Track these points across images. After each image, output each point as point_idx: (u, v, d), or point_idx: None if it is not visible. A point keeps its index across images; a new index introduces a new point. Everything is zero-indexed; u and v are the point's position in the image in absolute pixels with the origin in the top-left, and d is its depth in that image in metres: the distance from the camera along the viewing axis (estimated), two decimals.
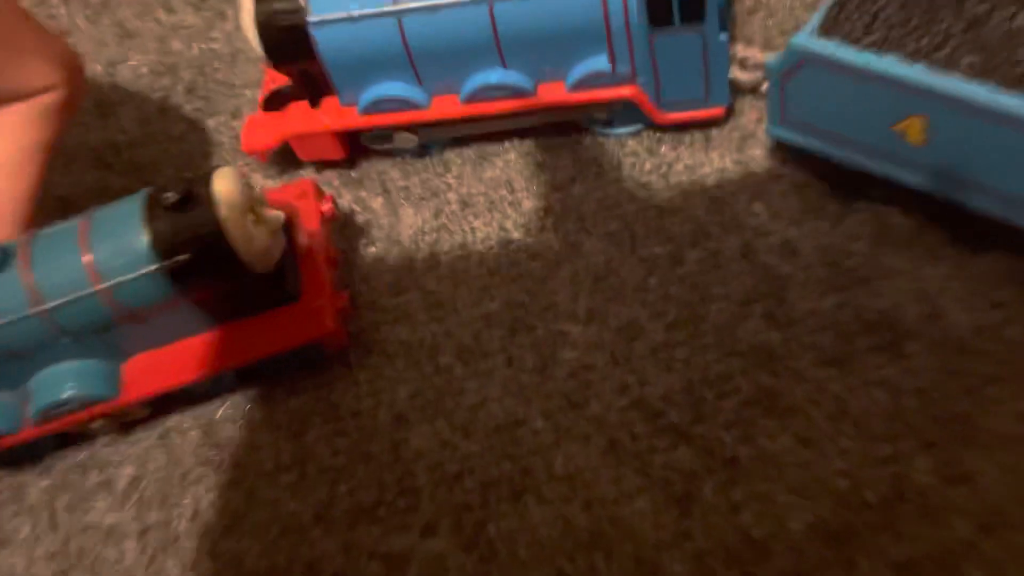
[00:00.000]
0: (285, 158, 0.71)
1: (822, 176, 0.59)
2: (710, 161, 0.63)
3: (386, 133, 0.67)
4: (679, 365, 0.55)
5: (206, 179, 0.53)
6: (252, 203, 0.54)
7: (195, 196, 0.52)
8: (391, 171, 0.69)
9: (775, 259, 0.57)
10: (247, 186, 0.54)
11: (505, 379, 0.57)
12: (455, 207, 0.66)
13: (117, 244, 0.53)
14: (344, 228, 0.66)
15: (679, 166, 0.64)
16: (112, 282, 0.52)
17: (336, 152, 0.69)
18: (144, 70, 0.80)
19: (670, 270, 0.59)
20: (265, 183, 0.71)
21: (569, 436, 0.54)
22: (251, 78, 0.76)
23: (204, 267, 0.53)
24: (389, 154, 0.70)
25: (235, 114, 0.75)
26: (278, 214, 0.56)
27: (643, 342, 0.57)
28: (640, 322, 0.57)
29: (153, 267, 0.52)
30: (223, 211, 0.52)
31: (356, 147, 0.70)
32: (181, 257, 0.52)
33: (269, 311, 0.58)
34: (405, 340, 0.60)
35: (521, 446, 0.55)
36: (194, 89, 0.77)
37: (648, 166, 0.64)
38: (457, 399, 0.57)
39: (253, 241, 0.53)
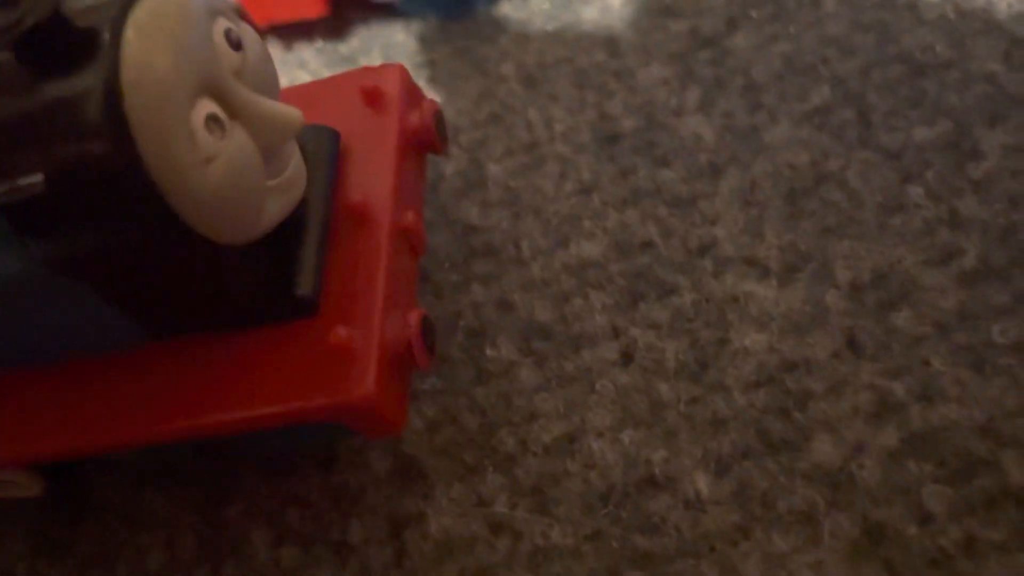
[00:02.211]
0: None
1: None
2: None
3: None
4: None
5: (120, 4, 0.23)
6: (214, 74, 0.23)
7: (80, 39, 0.22)
8: (405, 40, 0.41)
9: None
10: (209, 36, 0.24)
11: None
12: (515, 86, 0.37)
13: None
14: None
15: None
16: None
17: (312, 5, 0.40)
18: None
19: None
20: None
21: None
22: None
23: (83, 209, 0.23)
24: (399, 10, 0.41)
25: None
26: (286, 112, 0.25)
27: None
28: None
29: None
30: (132, 80, 0.22)
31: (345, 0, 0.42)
32: (29, 180, 0.23)
33: (246, 327, 0.27)
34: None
35: None
36: None
37: None
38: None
39: (204, 168, 0.23)
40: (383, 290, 0.27)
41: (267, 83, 0.26)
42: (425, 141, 0.31)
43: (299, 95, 0.32)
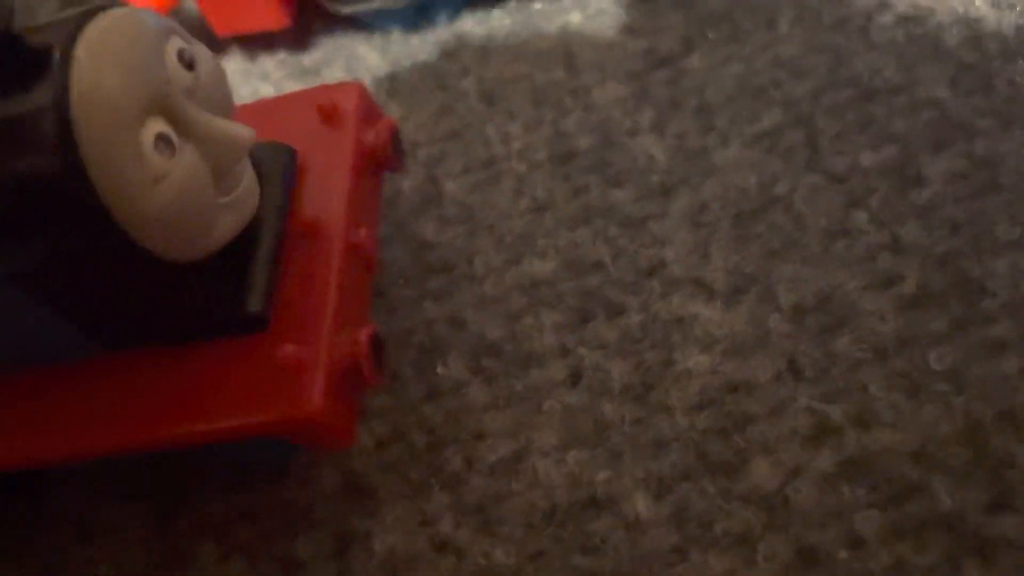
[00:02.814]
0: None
1: None
2: None
3: None
4: None
5: (72, 23, 0.23)
6: (164, 93, 0.23)
7: (32, 57, 0.23)
8: (367, 53, 0.41)
9: None
10: (160, 56, 0.24)
11: None
12: (474, 102, 0.38)
13: None
14: None
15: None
16: None
17: (275, 16, 0.41)
18: None
19: None
20: None
21: None
22: None
23: (30, 224, 0.24)
24: (363, 23, 0.41)
25: None
26: (237, 131, 0.25)
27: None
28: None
29: None
30: (81, 99, 0.22)
31: (308, 10, 0.42)
32: None
33: (196, 340, 0.28)
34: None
35: None
36: None
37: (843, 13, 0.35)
38: None
39: (153, 188, 0.23)
40: (333, 306, 0.27)
41: (220, 102, 0.26)
42: (381, 159, 0.31)
43: (256, 111, 0.32)
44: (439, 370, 0.31)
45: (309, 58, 0.42)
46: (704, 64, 0.36)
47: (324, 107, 0.30)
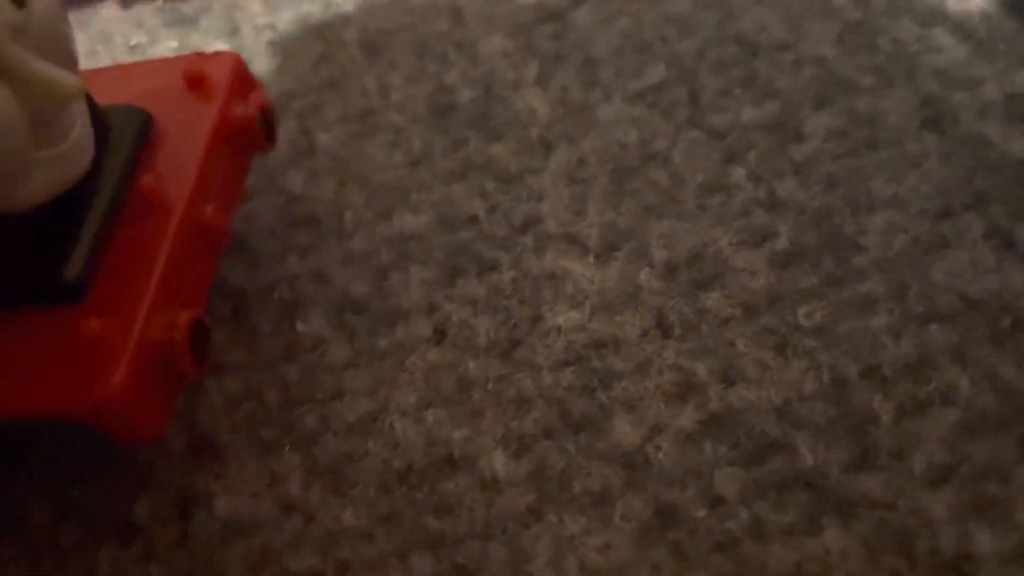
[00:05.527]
0: None
1: None
2: None
3: None
4: None
5: None
6: None
7: None
8: (249, 2, 0.39)
9: None
10: None
11: None
12: (355, 52, 0.36)
13: None
14: None
15: None
16: None
17: None
18: None
19: None
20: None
21: None
22: None
23: None
24: None
25: None
26: (60, 77, 0.23)
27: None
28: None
29: None
30: None
31: None
32: None
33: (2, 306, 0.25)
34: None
35: None
36: None
37: None
38: None
39: None
40: (155, 284, 0.25)
41: (55, 47, 0.24)
42: (248, 136, 0.29)
43: (123, 74, 0.31)
44: (299, 327, 0.29)
45: (189, 6, 0.40)
46: (592, 18, 0.35)
47: (191, 75, 0.29)
